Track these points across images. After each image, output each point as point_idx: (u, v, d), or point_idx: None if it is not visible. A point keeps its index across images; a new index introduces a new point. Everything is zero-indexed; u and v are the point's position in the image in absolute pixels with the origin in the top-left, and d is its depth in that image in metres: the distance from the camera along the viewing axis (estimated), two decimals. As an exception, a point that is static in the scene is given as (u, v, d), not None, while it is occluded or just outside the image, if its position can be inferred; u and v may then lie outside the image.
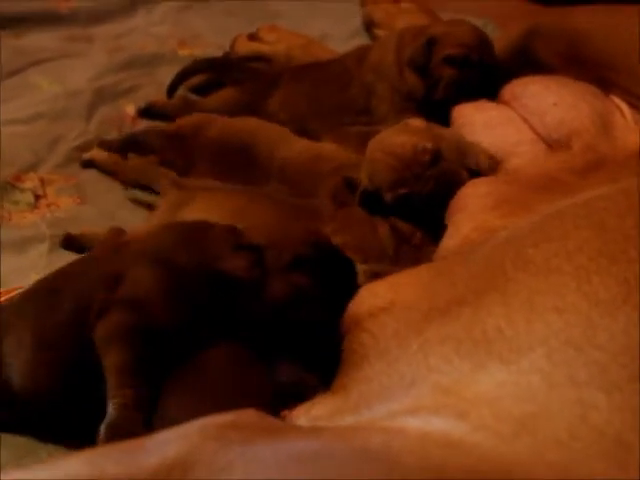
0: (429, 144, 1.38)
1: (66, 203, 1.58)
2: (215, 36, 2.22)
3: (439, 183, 1.36)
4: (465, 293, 0.96)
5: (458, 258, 1.13)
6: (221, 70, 1.91)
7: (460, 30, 1.67)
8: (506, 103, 1.60)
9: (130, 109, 1.87)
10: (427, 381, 0.84)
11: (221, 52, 2.09)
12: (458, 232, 1.26)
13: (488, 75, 1.65)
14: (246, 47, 2.06)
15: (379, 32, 2.17)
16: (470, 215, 1.28)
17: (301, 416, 0.99)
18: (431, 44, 1.65)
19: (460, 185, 1.37)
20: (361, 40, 2.19)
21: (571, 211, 1.01)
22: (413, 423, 0.74)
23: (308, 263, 1.08)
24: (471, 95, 1.62)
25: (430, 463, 0.66)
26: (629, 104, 1.51)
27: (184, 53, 2.13)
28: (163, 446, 0.71)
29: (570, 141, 1.46)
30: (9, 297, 1.20)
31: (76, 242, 1.43)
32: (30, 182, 1.61)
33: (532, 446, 0.68)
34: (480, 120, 1.57)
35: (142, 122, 1.83)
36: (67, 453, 1.01)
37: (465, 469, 0.66)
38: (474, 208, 1.29)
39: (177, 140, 1.60)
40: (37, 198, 1.58)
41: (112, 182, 1.64)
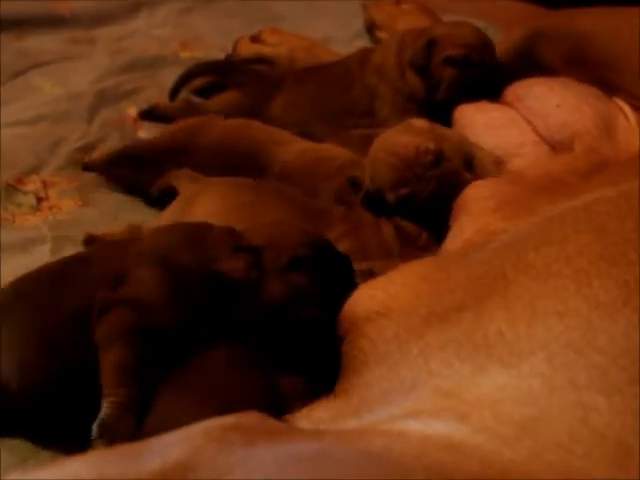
0: (432, 145, 1.37)
1: (68, 205, 1.58)
2: (217, 38, 2.23)
3: (441, 184, 1.36)
4: (465, 297, 0.96)
5: (457, 260, 1.13)
6: (223, 73, 1.91)
7: (461, 31, 1.68)
8: (509, 104, 1.60)
9: (132, 111, 1.87)
10: (428, 385, 0.84)
11: (223, 54, 2.09)
12: (460, 235, 1.26)
13: (489, 76, 1.65)
14: (248, 49, 2.07)
15: (381, 34, 2.18)
16: (473, 218, 1.27)
17: (303, 419, 0.99)
18: (431, 45, 1.65)
19: (463, 186, 1.36)
20: (363, 42, 2.19)
21: (571, 214, 1.01)
22: (414, 426, 0.74)
23: (305, 263, 1.09)
24: (472, 96, 1.62)
25: (431, 466, 0.67)
26: (632, 106, 1.51)
27: (186, 55, 2.13)
28: (166, 448, 0.71)
29: (573, 143, 1.46)
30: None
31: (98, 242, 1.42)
32: (32, 184, 1.61)
33: (533, 449, 0.68)
34: (482, 121, 1.57)
35: (144, 124, 1.83)
36: (69, 455, 1.01)
37: (466, 471, 0.66)
38: (477, 210, 1.29)
39: (172, 152, 1.58)
40: (39, 200, 1.57)
41: (114, 184, 1.64)
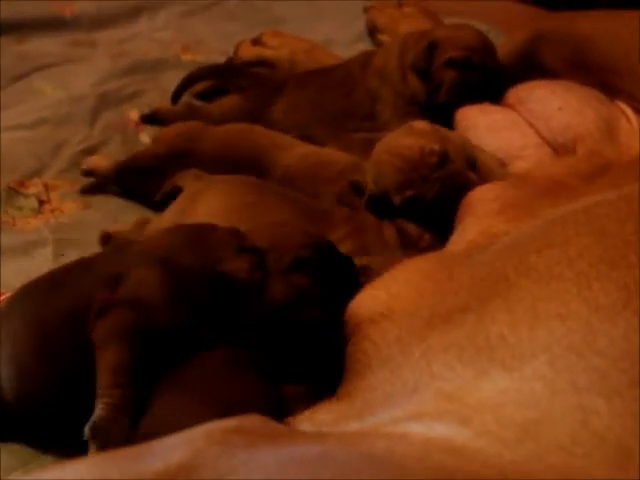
0: (436, 146, 1.37)
1: (70, 208, 1.58)
2: (218, 41, 2.23)
3: (446, 185, 1.36)
4: (468, 299, 0.96)
5: (461, 261, 1.13)
6: (225, 77, 1.91)
7: (462, 33, 1.68)
8: (511, 107, 1.60)
9: (133, 114, 1.87)
10: (430, 388, 0.84)
11: (224, 57, 2.10)
12: (464, 237, 1.26)
13: (491, 78, 1.65)
14: (250, 52, 2.07)
15: (382, 37, 2.18)
16: (477, 220, 1.27)
17: (305, 421, 0.99)
18: (433, 47, 1.66)
19: (467, 187, 1.36)
20: (365, 45, 2.19)
21: (573, 217, 1.01)
22: (416, 429, 0.74)
23: (308, 264, 1.09)
24: (474, 98, 1.63)
25: (433, 468, 0.67)
26: (634, 109, 1.51)
27: (187, 58, 2.14)
28: (168, 451, 0.71)
29: (575, 146, 1.47)
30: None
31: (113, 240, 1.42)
32: (34, 187, 1.61)
33: (534, 451, 0.68)
34: (484, 123, 1.58)
35: (145, 128, 1.83)
36: (71, 459, 1.01)
37: (468, 474, 0.66)
38: (481, 213, 1.29)
39: (175, 158, 1.57)
40: (41, 203, 1.58)
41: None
